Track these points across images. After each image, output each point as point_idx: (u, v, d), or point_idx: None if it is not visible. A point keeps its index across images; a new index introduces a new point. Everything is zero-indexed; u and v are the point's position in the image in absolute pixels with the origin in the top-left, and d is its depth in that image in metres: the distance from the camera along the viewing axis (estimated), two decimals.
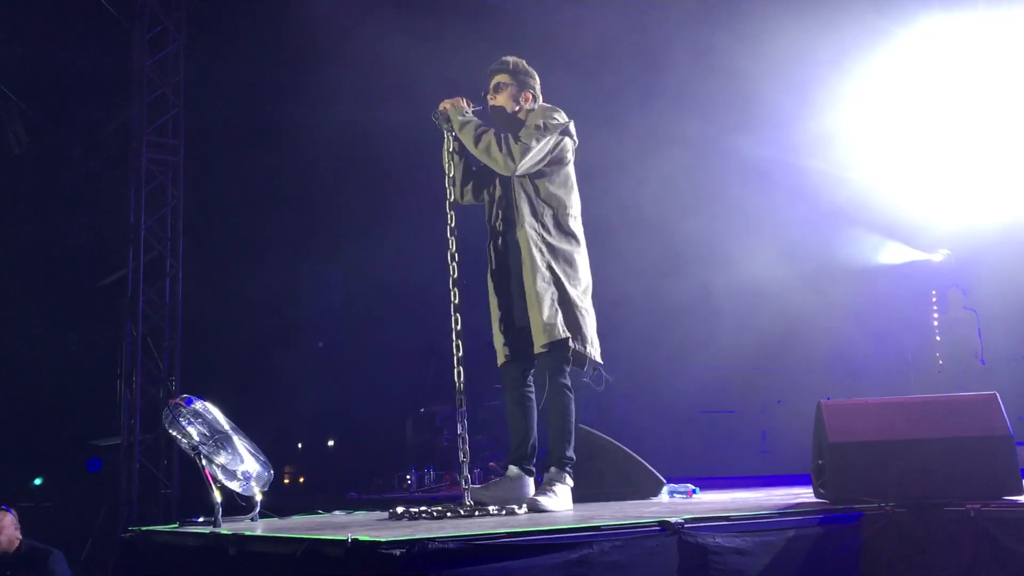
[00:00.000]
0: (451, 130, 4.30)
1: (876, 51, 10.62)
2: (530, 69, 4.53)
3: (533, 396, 4.33)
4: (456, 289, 4.14)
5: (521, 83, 4.46)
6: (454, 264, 4.16)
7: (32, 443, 8.03)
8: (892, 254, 11.73)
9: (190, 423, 3.84)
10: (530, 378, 4.35)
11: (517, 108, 4.44)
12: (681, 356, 10.60)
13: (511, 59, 4.51)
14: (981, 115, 10.43)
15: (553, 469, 4.27)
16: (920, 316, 10.86)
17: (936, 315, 10.88)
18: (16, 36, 8.13)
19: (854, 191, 11.09)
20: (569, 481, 4.26)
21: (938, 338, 10.49)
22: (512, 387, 4.35)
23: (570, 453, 4.28)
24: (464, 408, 4.10)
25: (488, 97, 4.45)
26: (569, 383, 4.24)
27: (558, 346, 4.15)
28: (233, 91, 9.00)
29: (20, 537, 6.15)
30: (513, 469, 4.29)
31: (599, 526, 2.99)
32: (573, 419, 4.30)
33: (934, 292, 11.55)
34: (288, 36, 8.91)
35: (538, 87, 4.53)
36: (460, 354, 4.13)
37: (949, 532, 3.45)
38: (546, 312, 4.12)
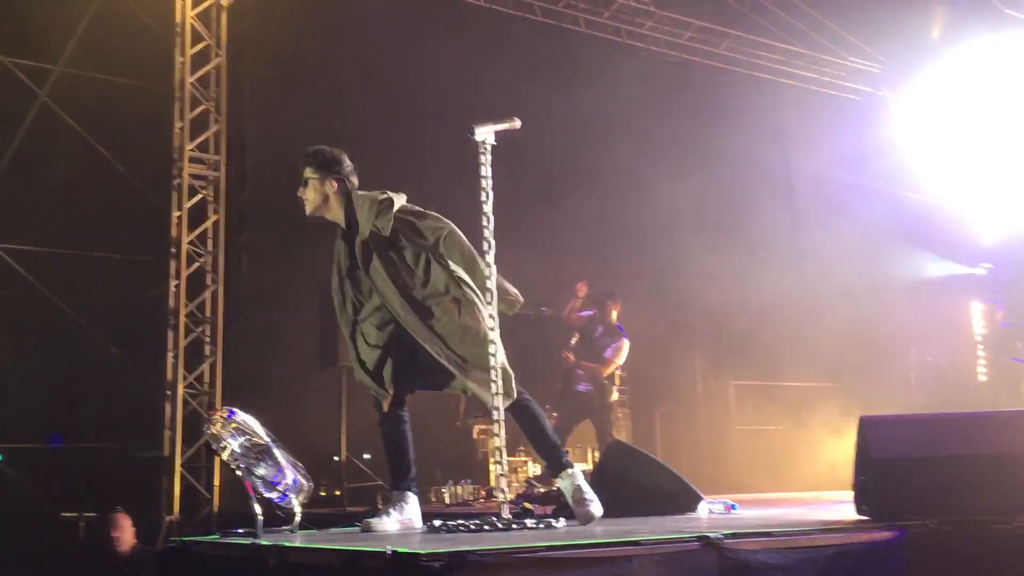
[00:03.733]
0: (486, 146, 4.28)
1: (924, 67, 10.59)
2: (332, 153, 4.51)
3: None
4: (493, 302, 4.14)
5: (325, 170, 4.46)
6: (491, 278, 4.14)
7: (74, 455, 8.14)
8: (935, 268, 11.60)
9: (232, 435, 3.88)
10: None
11: (327, 198, 4.44)
12: (720, 371, 10.54)
13: (313, 148, 4.53)
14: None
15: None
16: (963, 330, 10.71)
17: (978, 328, 10.73)
18: (59, 52, 8.30)
19: (900, 206, 11.02)
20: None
21: (981, 353, 10.33)
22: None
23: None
24: (502, 420, 4.10)
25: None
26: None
27: None
28: (275, 105, 9.13)
29: (135, 540, 6.31)
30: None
31: (639, 540, 2.97)
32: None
33: (977, 305, 11.40)
34: (331, 50, 9.04)
35: (345, 167, 4.48)
36: (497, 366, 4.13)
37: (996, 549, 3.39)
38: None
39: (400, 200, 4.41)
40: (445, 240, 4.31)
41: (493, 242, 4.16)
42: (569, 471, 4.29)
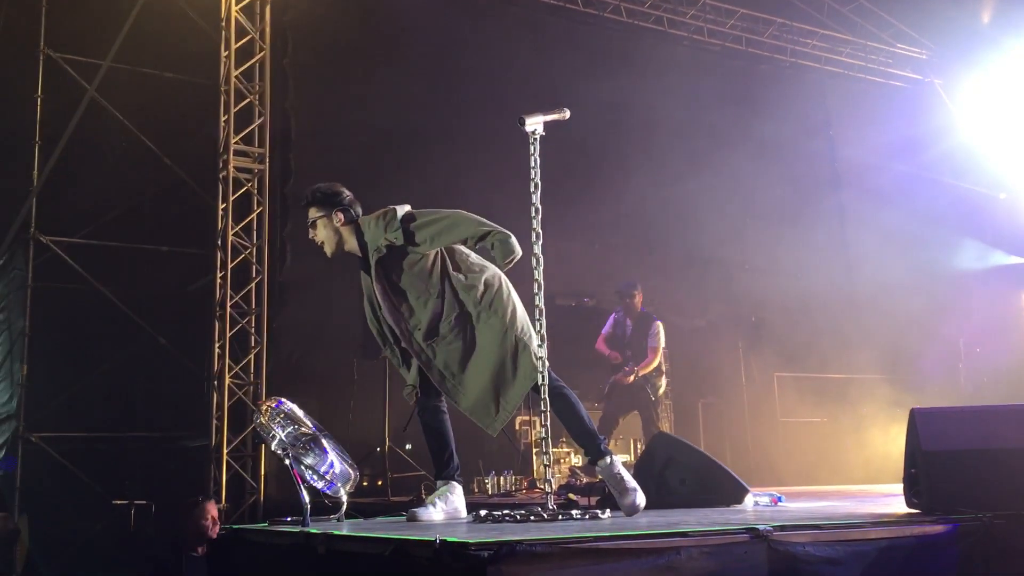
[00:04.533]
0: (535, 137, 4.26)
1: (973, 53, 10.41)
2: (330, 187, 4.51)
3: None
4: (540, 293, 4.13)
5: (328, 206, 4.47)
6: (539, 269, 4.13)
7: (124, 444, 8.28)
8: (985, 257, 11.40)
9: (280, 425, 3.92)
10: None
11: (339, 234, 4.46)
12: (763, 362, 10.44)
13: (312, 188, 4.53)
14: None
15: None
16: (1013, 321, 10.51)
17: None
18: (107, 48, 8.42)
19: (949, 195, 10.84)
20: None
21: None
22: None
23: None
24: (548, 410, 4.10)
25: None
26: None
27: None
28: (321, 96, 9.20)
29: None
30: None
31: (686, 532, 2.96)
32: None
33: None
34: (378, 45, 9.09)
35: (345, 198, 4.49)
36: (544, 355, 4.13)
37: None
38: None
39: (403, 209, 4.38)
40: (441, 237, 4.28)
41: (541, 232, 4.15)
42: (607, 459, 4.27)
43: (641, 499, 4.16)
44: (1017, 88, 10.69)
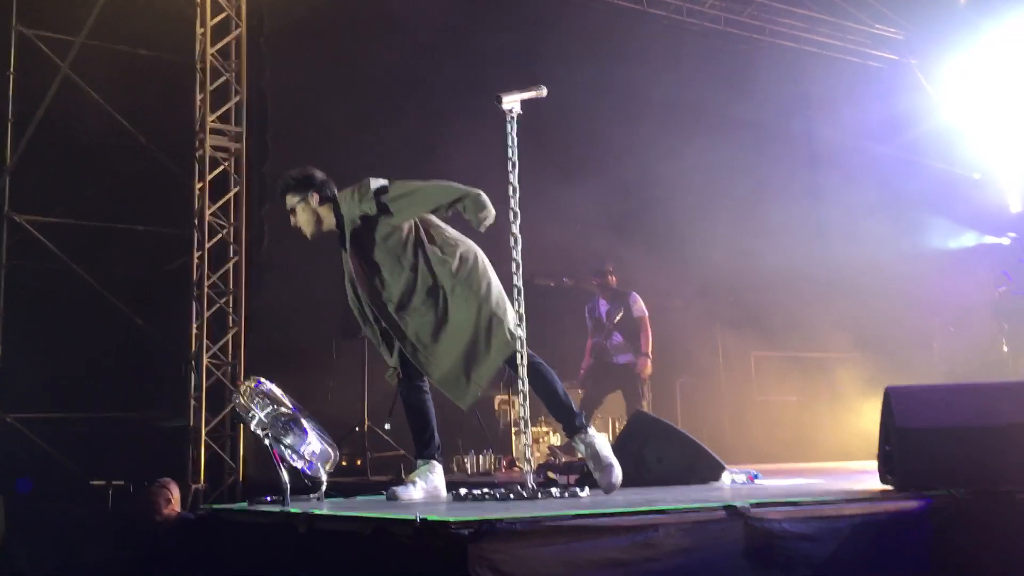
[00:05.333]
0: (512, 115, 4.26)
1: (951, 34, 10.46)
2: (303, 171, 4.55)
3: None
4: (518, 272, 4.14)
5: (303, 189, 4.52)
6: (516, 248, 4.15)
7: (101, 424, 8.24)
8: (960, 238, 11.51)
9: (259, 405, 3.92)
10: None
11: (318, 215, 4.50)
12: (740, 342, 10.52)
13: (286, 174, 4.57)
14: None
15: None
16: (986, 301, 10.63)
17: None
18: (81, 25, 8.31)
19: (925, 175, 10.92)
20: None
21: (1006, 326, 10.26)
22: None
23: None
24: (526, 390, 4.12)
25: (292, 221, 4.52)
26: None
27: None
28: (299, 74, 9.13)
29: (177, 510, 6.42)
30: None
31: (665, 509, 2.99)
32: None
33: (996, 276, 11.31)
34: (355, 22, 9.01)
35: (317, 178, 4.52)
36: (522, 335, 4.14)
37: (1022, 519, 3.38)
38: None
39: (377, 182, 4.39)
40: (414, 206, 4.27)
41: (519, 211, 4.16)
42: (585, 434, 4.29)
43: (618, 476, 4.19)
44: (993, 70, 10.76)
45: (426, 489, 4.28)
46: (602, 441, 4.31)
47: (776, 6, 11.22)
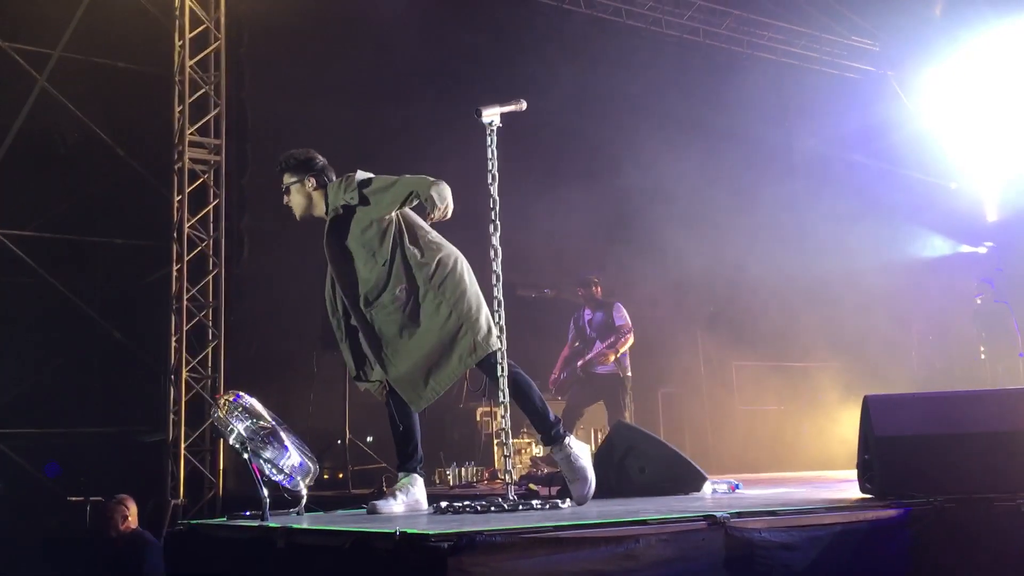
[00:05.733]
0: (492, 128, 4.26)
1: (927, 45, 10.56)
2: (301, 152, 4.56)
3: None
4: (499, 284, 4.14)
5: (300, 171, 4.51)
6: (497, 260, 4.14)
7: (79, 439, 8.16)
8: (938, 247, 11.61)
9: (238, 419, 3.89)
10: None
11: (311, 198, 4.51)
12: (721, 352, 10.55)
13: (284, 154, 4.55)
14: None
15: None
16: (964, 309, 10.71)
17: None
18: (58, 37, 8.27)
19: (900, 185, 11.01)
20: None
21: (983, 334, 10.34)
22: None
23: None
24: (508, 402, 4.11)
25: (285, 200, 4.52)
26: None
27: None
28: (278, 87, 9.11)
29: (134, 526, 6.46)
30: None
31: (645, 520, 2.99)
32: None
33: (976, 285, 11.40)
34: (335, 34, 9.00)
35: (317, 162, 4.55)
36: (503, 348, 4.14)
37: (1000, 526, 3.41)
38: None
39: (363, 174, 4.42)
40: (387, 198, 4.27)
41: (499, 224, 4.17)
42: (562, 444, 4.26)
43: (590, 488, 4.17)
44: (968, 80, 10.87)
45: (407, 502, 4.26)
46: (581, 451, 4.27)
47: (754, 19, 11.32)
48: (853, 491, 4.15)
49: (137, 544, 6.38)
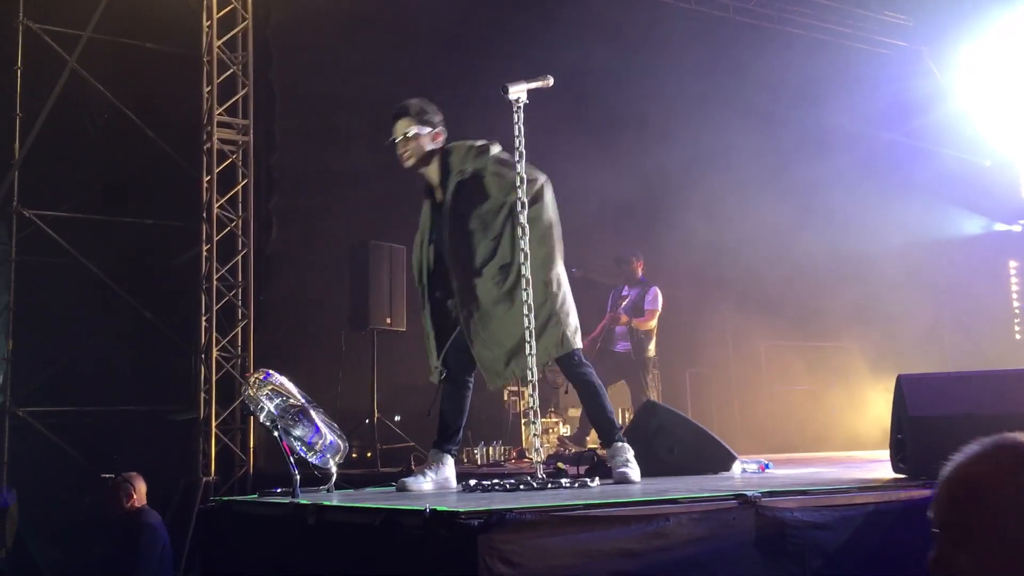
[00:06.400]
0: (519, 105, 4.23)
1: (960, 21, 10.35)
2: (430, 105, 4.47)
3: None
4: (527, 263, 4.12)
5: (427, 123, 4.41)
6: (524, 238, 4.12)
7: (112, 418, 8.26)
8: (971, 225, 11.43)
9: (268, 397, 3.91)
10: None
11: (429, 152, 4.40)
12: (750, 331, 10.48)
13: (409, 101, 4.44)
14: None
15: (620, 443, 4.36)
16: (999, 287, 10.56)
17: (1016, 286, 10.56)
18: (87, 19, 8.31)
19: (934, 163, 10.84)
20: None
21: (1017, 308, 10.17)
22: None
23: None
24: (536, 380, 4.10)
25: (398, 149, 4.41)
26: None
27: None
28: (305, 66, 9.10)
29: (139, 505, 6.45)
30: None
31: (676, 499, 2.97)
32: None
33: (1013, 264, 11.23)
34: (357, 11, 8.97)
35: (441, 120, 4.48)
36: (531, 326, 4.12)
37: None
38: None
39: (497, 147, 4.40)
40: (504, 180, 4.27)
41: (527, 201, 4.15)
42: (619, 444, 4.35)
43: (636, 475, 4.25)
44: (1002, 55, 10.66)
45: (436, 480, 4.27)
46: (632, 462, 4.31)
47: None
48: (885, 471, 4.11)
49: (138, 523, 6.34)
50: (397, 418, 8.78)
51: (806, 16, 11.35)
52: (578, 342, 4.31)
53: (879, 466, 4.57)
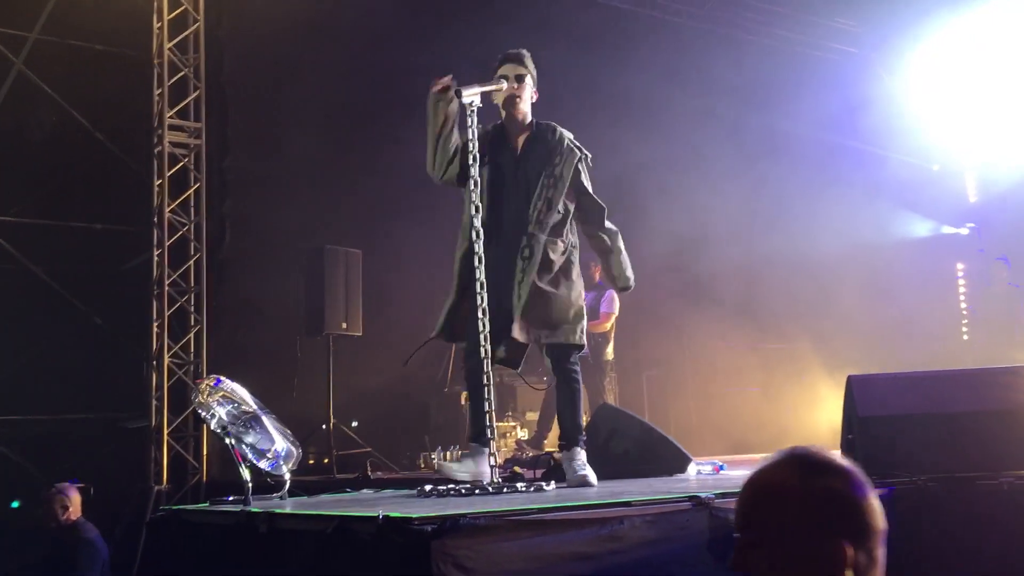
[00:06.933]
0: (472, 108, 4.24)
1: (907, 26, 10.52)
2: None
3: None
4: (481, 266, 4.12)
5: (534, 79, 4.57)
6: (479, 242, 4.12)
7: (62, 426, 8.11)
8: (920, 228, 11.64)
9: (219, 403, 3.86)
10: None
11: (527, 103, 4.54)
12: (705, 333, 10.56)
13: (524, 51, 4.55)
14: (1012, 87, 10.31)
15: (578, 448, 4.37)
16: (946, 289, 10.76)
17: (963, 288, 10.76)
18: (35, 20, 8.16)
19: (883, 167, 11.01)
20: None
21: (965, 310, 10.37)
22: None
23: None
24: (491, 385, 4.10)
25: (509, 86, 4.43)
26: None
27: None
28: (258, 69, 9.01)
29: (75, 518, 6.26)
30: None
31: (629, 501, 2.98)
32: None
33: (960, 266, 11.44)
34: (310, 13, 8.89)
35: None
36: (486, 331, 4.12)
37: (983, 505, 3.42)
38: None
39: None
40: (586, 199, 4.58)
41: (481, 205, 4.14)
42: (578, 449, 4.38)
43: (593, 479, 4.26)
44: (949, 61, 10.86)
45: (472, 471, 4.26)
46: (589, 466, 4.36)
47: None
48: None
49: (73, 537, 6.13)
50: (354, 424, 8.72)
51: (758, 22, 11.45)
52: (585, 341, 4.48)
53: None
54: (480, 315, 4.12)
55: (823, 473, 1.65)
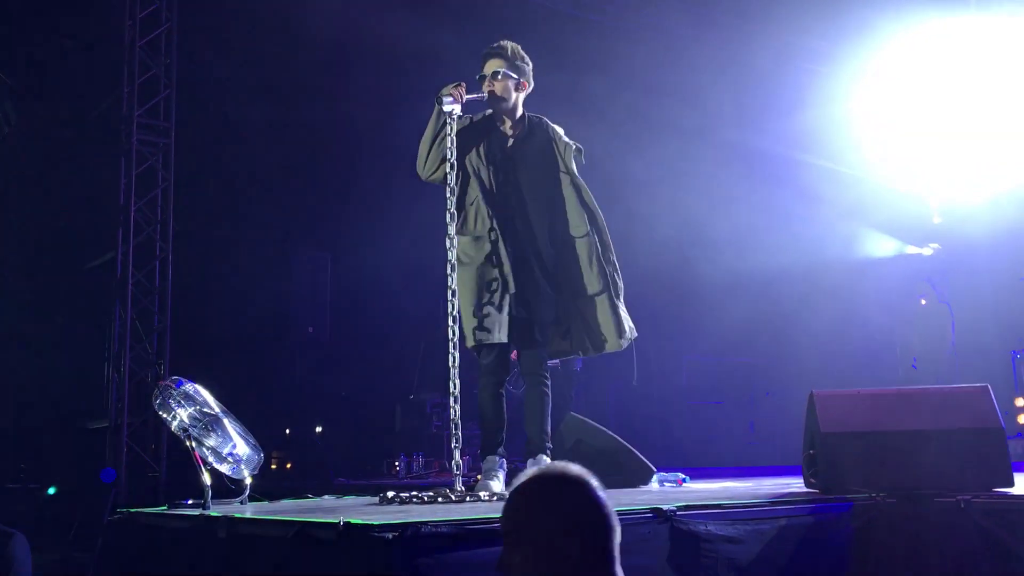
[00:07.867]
0: (451, 115, 4.25)
1: (872, 45, 10.63)
2: (525, 55, 4.51)
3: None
4: (453, 273, 4.12)
5: (518, 71, 4.43)
6: (452, 250, 4.13)
7: (20, 426, 7.98)
8: (883, 247, 11.76)
9: (180, 405, 3.81)
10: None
11: (512, 98, 4.43)
12: (671, 346, 10.62)
13: (508, 44, 4.49)
14: (975, 109, 10.45)
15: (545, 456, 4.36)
16: (909, 309, 10.89)
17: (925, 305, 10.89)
18: (4, 15, 8.05)
19: (846, 185, 11.11)
20: None
21: (917, 336, 10.51)
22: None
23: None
24: (458, 392, 4.09)
25: (485, 84, 4.43)
26: None
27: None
28: (225, 75, 8.94)
29: None
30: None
31: None
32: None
33: (923, 284, 11.57)
34: (282, 24, 8.85)
35: (531, 73, 4.51)
36: (455, 338, 4.11)
37: (940, 523, 3.46)
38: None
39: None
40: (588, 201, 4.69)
41: (456, 213, 4.16)
42: (544, 457, 4.37)
43: (499, 487, 4.21)
44: (915, 79, 10.98)
45: (505, 481, 4.26)
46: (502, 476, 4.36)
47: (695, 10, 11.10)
48: (798, 486, 4.19)
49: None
50: (318, 429, 8.67)
51: (724, 39, 11.43)
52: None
53: (793, 480, 4.66)
54: (450, 323, 4.11)
55: (567, 483, 1.99)
